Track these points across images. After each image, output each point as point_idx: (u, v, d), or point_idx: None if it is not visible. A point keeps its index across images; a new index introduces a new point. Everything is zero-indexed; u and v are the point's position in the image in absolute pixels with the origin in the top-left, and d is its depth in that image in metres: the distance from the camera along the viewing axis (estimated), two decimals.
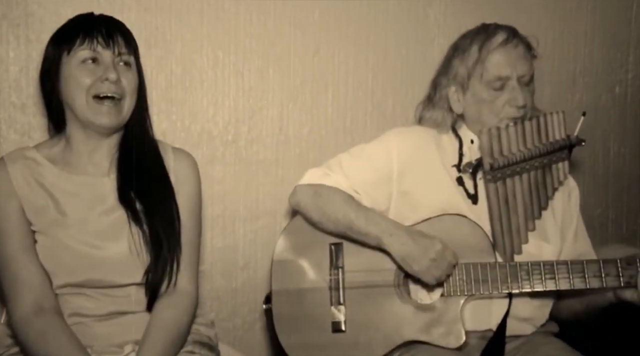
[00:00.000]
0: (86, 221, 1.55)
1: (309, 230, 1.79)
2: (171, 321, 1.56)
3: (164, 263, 1.57)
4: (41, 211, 1.54)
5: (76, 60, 1.54)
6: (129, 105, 1.59)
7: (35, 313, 1.49)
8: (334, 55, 2.22)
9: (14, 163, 1.56)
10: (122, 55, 1.57)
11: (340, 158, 1.82)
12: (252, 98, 2.15)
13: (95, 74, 1.54)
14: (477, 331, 1.70)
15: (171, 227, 1.60)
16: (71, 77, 1.54)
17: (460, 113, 1.80)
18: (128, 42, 1.60)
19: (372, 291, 1.74)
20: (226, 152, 2.14)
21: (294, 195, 1.79)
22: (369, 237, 1.70)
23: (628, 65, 2.58)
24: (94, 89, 1.53)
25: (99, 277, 1.54)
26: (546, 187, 1.77)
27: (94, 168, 1.61)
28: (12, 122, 1.94)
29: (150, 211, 1.58)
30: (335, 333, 1.73)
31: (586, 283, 1.65)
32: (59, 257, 1.53)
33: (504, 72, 1.70)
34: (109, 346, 1.55)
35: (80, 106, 1.54)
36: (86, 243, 1.54)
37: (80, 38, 1.55)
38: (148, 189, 1.60)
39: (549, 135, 1.76)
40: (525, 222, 1.74)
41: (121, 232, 1.56)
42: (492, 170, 1.70)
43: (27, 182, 1.55)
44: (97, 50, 1.55)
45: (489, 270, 1.69)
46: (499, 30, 1.74)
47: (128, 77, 1.58)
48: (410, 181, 1.76)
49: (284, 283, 1.77)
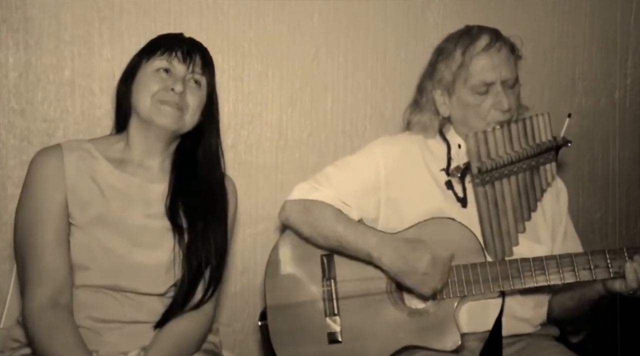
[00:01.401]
0: (128, 223, 1.57)
1: (300, 244, 1.80)
2: (184, 332, 1.58)
3: (197, 282, 1.59)
4: (86, 206, 1.55)
5: (152, 67, 1.60)
6: (191, 119, 1.63)
7: (50, 306, 1.49)
8: (333, 59, 2.22)
9: (71, 152, 1.58)
10: (195, 73, 1.63)
11: (327, 171, 1.83)
12: (252, 103, 2.15)
13: (164, 83, 1.59)
14: (475, 333, 1.71)
15: (220, 254, 1.64)
16: (142, 82, 1.60)
17: (447, 116, 1.81)
18: (205, 64, 1.66)
19: (366, 299, 1.74)
20: (226, 157, 2.11)
21: (284, 211, 1.81)
22: (359, 253, 1.72)
23: (627, 69, 2.59)
24: (159, 95, 1.58)
25: (125, 282, 1.54)
26: (535, 188, 1.79)
27: (144, 171, 1.63)
28: (12, 127, 1.94)
29: (200, 232, 1.60)
30: (331, 344, 1.73)
31: (576, 276, 1.66)
32: (92, 255, 1.54)
33: (489, 77, 1.71)
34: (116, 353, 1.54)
35: (144, 106, 1.58)
36: (122, 245, 1.55)
37: (161, 49, 1.61)
38: (205, 211, 1.63)
39: (536, 137, 1.77)
40: (515, 224, 1.76)
41: (159, 241, 1.58)
42: (480, 173, 1.71)
43: (80, 173, 1.56)
44: (173, 63, 1.61)
45: (480, 270, 1.69)
46: (482, 33, 1.74)
47: (194, 94, 1.63)
48: (396, 188, 1.77)
49: (278, 299, 1.78)
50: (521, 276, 1.68)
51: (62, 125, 1.96)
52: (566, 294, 1.78)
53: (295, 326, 1.76)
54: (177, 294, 1.57)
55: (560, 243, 1.82)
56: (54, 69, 1.95)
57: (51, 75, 1.95)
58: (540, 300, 1.79)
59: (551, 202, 1.85)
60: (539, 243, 1.78)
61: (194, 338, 1.61)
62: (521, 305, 1.74)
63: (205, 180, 1.67)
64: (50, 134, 1.94)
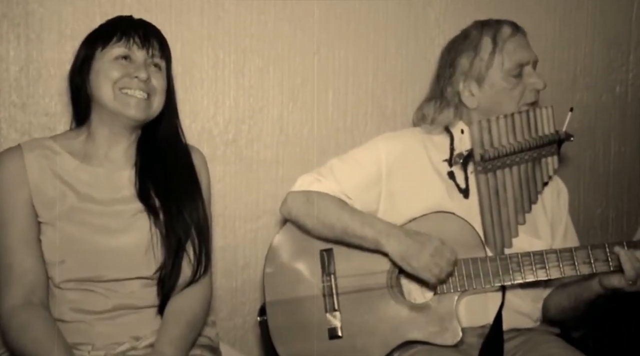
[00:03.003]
0: (97, 211, 1.56)
1: (299, 239, 1.80)
2: (187, 310, 1.59)
3: (180, 260, 1.59)
4: (52, 202, 1.55)
5: (109, 56, 1.58)
6: (159, 103, 1.63)
7: (22, 306, 1.49)
8: (334, 55, 2.22)
9: (31, 151, 1.57)
10: (154, 57, 1.62)
11: (331, 163, 1.83)
12: (253, 98, 2.15)
13: (125, 70, 1.57)
14: (475, 328, 1.71)
15: (200, 229, 1.63)
16: (101, 71, 1.57)
17: (474, 107, 1.80)
18: (162, 47, 1.65)
19: (366, 294, 1.74)
20: (226, 152, 2.14)
21: (286, 203, 1.81)
22: (365, 240, 1.71)
23: (628, 64, 2.58)
24: (121, 83, 1.56)
25: (105, 271, 1.54)
26: (536, 180, 1.80)
27: (109, 162, 1.62)
28: (13, 121, 1.94)
29: (174, 210, 1.60)
30: (332, 340, 1.73)
31: (576, 270, 1.67)
32: (67, 249, 1.53)
33: (524, 57, 1.75)
34: (111, 344, 1.55)
35: (108, 98, 1.57)
36: (94, 234, 1.54)
37: (117, 36, 1.59)
38: (175, 188, 1.63)
39: (538, 129, 1.78)
40: (516, 215, 1.76)
41: (133, 225, 1.57)
42: (482, 161, 1.73)
43: (42, 171, 1.56)
44: (132, 49, 1.59)
45: (480, 264, 1.70)
46: (502, 22, 1.79)
47: (157, 78, 1.62)
48: (398, 181, 1.78)
49: (278, 294, 1.78)
50: (522, 270, 1.69)
51: (64, 119, 1.96)
52: (562, 294, 1.78)
53: (295, 322, 1.76)
54: (164, 275, 1.57)
55: (559, 242, 1.83)
56: (55, 63, 1.95)
57: (52, 70, 1.95)
58: (538, 294, 1.79)
59: (552, 200, 1.86)
60: (539, 238, 1.79)
61: (198, 312, 1.62)
62: (520, 298, 1.75)
63: (170, 158, 1.66)
64: (52, 128, 1.94)
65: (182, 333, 1.55)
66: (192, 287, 1.62)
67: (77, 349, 1.51)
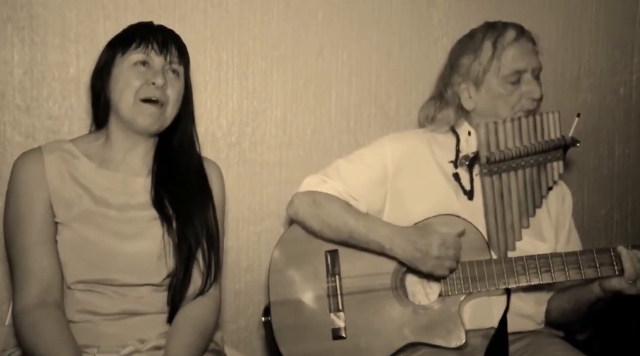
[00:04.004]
0: (113, 216, 1.57)
1: (304, 239, 1.80)
2: (199, 318, 1.59)
3: (191, 268, 1.60)
4: (70, 205, 1.56)
5: (129, 62, 1.59)
6: (171, 113, 1.63)
7: (36, 305, 1.50)
8: (337, 57, 2.22)
9: (51, 154, 1.58)
10: (172, 64, 1.62)
11: (337, 164, 1.84)
12: (256, 100, 2.15)
13: (144, 77, 1.58)
14: (479, 330, 1.71)
15: (210, 237, 1.64)
16: (121, 78, 1.58)
17: (471, 109, 1.81)
18: (181, 53, 1.65)
19: (371, 296, 1.74)
20: (230, 154, 2.14)
21: (292, 205, 1.81)
22: (370, 244, 1.72)
23: (633, 66, 2.58)
24: (142, 92, 1.57)
25: (117, 275, 1.55)
26: (541, 185, 1.80)
27: (126, 167, 1.63)
28: (17, 124, 1.94)
29: (185, 218, 1.61)
30: (336, 340, 1.73)
31: (582, 274, 1.67)
32: (81, 251, 1.54)
33: (521, 65, 1.74)
34: (116, 347, 1.55)
35: (126, 106, 1.58)
36: (109, 238, 1.55)
37: (136, 42, 1.60)
38: (187, 197, 1.64)
39: (545, 133, 1.78)
40: (520, 219, 1.76)
41: (147, 232, 1.58)
42: (488, 163, 1.72)
43: (61, 174, 1.57)
44: (150, 56, 1.60)
45: (486, 267, 1.70)
46: (508, 27, 1.78)
47: (174, 86, 1.62)
48: (404, 181, 1.78)
49: (282, 294, 1.78)
50: (527, 273, 1.68)
51: (67, 122, 1.96)
52: (563, 297, 1.78)
53: (300, 322, 1.76)
54: (175, 283, 1.58)
55: (563, 246, 1.83)
56: (60, 67, 1.95)
57: (56, 73, 1.96)
58: (542, 297, 1.79)
59: (557, 205, 1.86)
60: (544, 242, 1.79)
61: (210, 322, 1.62)
62: (523, 301, 1.74)
63: (183, 166, 1.67)
64: (56, 131, 1.95)
65: (195, 342, 1.56)
66: (204, 297, 1.63)
67: (84, 352, 1.52)
